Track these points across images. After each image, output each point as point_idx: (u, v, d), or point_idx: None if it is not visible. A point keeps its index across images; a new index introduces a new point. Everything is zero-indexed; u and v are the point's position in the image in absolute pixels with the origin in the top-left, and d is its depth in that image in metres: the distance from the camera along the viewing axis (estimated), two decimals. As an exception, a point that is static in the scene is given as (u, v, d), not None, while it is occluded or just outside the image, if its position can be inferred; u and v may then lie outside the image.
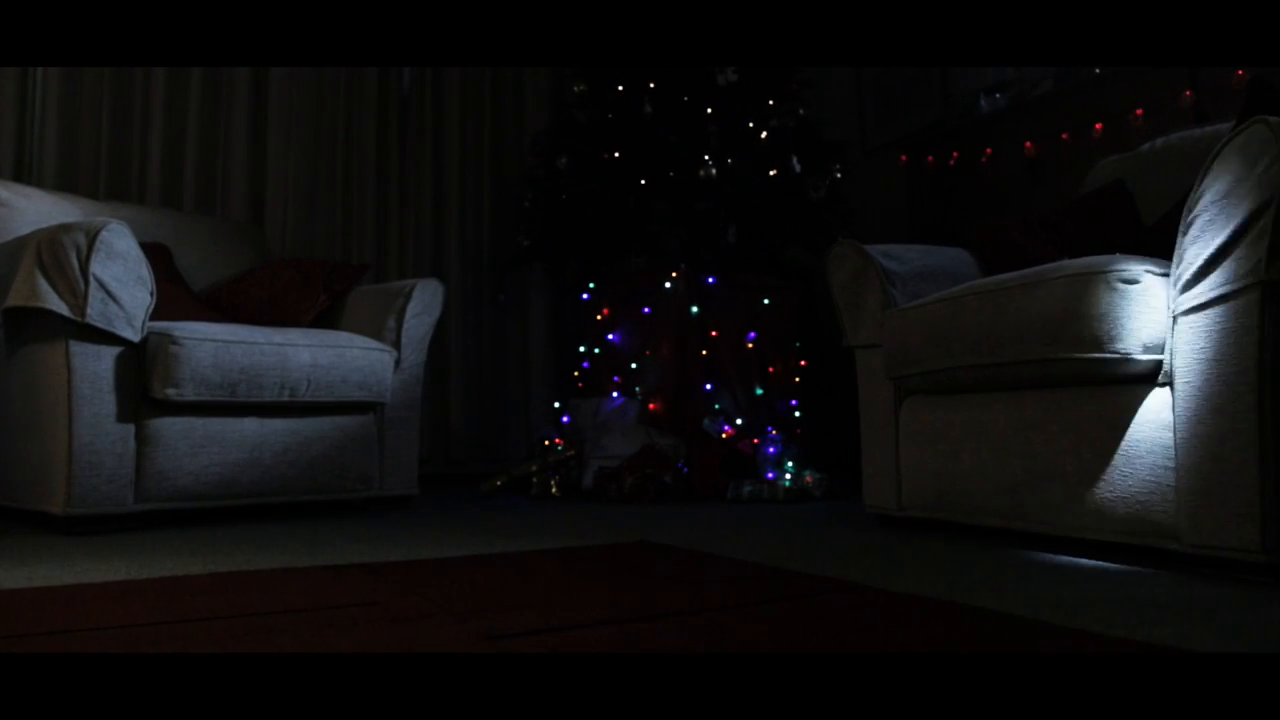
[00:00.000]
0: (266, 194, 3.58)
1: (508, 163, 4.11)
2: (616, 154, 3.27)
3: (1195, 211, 1.43)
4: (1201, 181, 1.43)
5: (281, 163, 3.60)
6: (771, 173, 3.25)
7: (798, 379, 3.32)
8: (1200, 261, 1.41)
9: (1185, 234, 1.45)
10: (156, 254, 2.76)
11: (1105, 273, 1.53)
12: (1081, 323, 1.55)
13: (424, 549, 1.82)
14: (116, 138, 3.31)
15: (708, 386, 3.17)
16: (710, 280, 3.20)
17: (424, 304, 2.69)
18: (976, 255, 2.33)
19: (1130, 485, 1.53)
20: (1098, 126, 3.12)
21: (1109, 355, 1.51)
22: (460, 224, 3.96)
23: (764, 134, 3.23)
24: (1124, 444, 1.54)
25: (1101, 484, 1.57)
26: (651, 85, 3.26)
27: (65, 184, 3.20)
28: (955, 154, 3.66)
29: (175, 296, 2.64)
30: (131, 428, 2.12)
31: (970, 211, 3.55)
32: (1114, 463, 1.55)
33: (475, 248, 4.02)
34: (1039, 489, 1.68)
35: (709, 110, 3.20)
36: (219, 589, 1.35)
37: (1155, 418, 1.51)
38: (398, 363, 2.61)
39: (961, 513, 1.89)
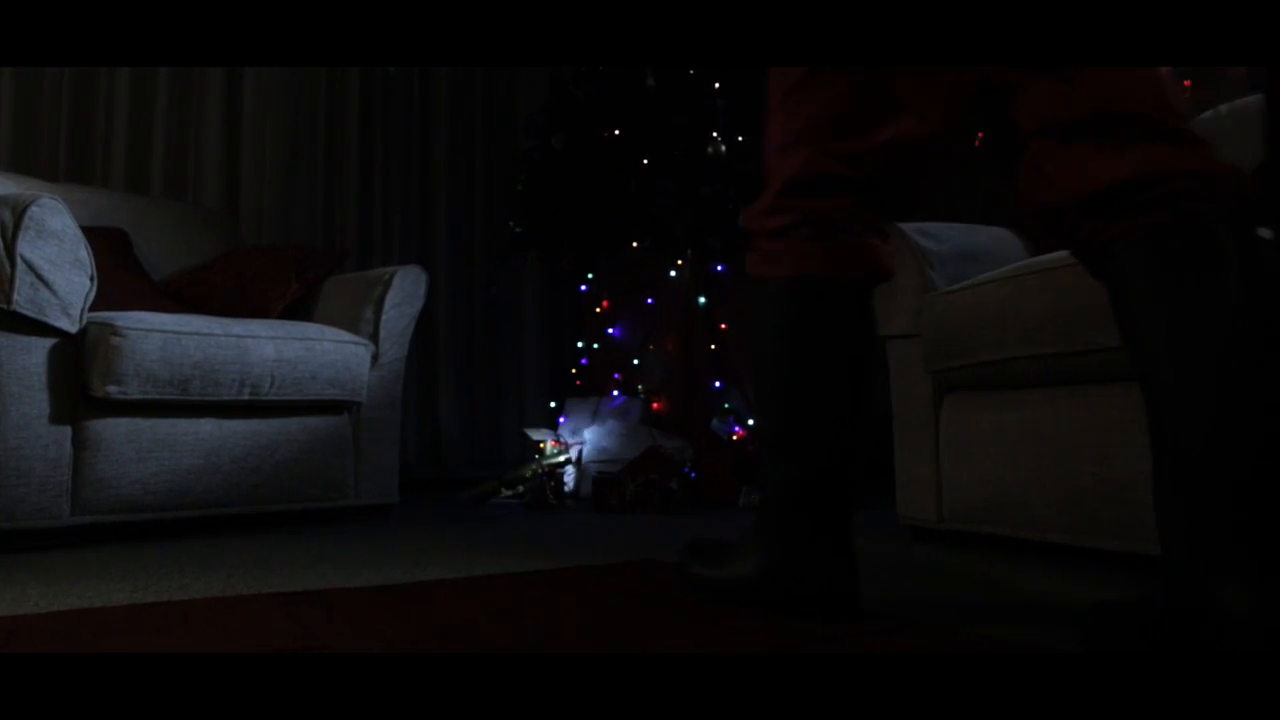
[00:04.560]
0: (241, 178, 3.33)
1: (500, 144, 3.87)
2: (617, 132, 3.02)
3: (1320, 165, 1.18)
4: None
5: (257, 145, 3.35)
6: (785, 153, 3.00)
7: (813, 376, 3.07)
8: (1331, 224, 1.16)
9: (1306, 193, 1.20)
10: (112, 239, 2.51)
11: (1202, 243, 1.28)
12: (1174, 302, 1.30)
13: (396, 570, 1.56)
14: (78, 117, 3.06)
15: (716, 384, 2.92)
16: (719, 268, 2.95)
17: (405, 293, 2.44)
18: (1022, 234, 2.08)
19: (1233, 496, 1.28)
20: (1140, 100, 2.87)
21: (1210, 341, 1.26)
22: (449, 210, 3.71)
23: (777, 110, 2.98)
24: (1227, 447, 1.29)
25: (1196, 495, 1.32)
26: (654, 58, 3.01)
27: (22, 165, 2.95)
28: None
29: (130, 285, 2.39)
30: (68, 430, 1.86)
31: (999, 195, 3.30)
32: (1212, 469, 1.30)
33: (465, 235, 3.77)
34: (1115, 500, 1.43)
35: (716, 85, 2.95)
36: (132, 627, 1.10)
37: (1264, 416, 1.26)
38: (375, 358, 2.36)
39: (1016, 526, 1.63)
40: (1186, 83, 2.76)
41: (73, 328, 1.87)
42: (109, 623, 1.13)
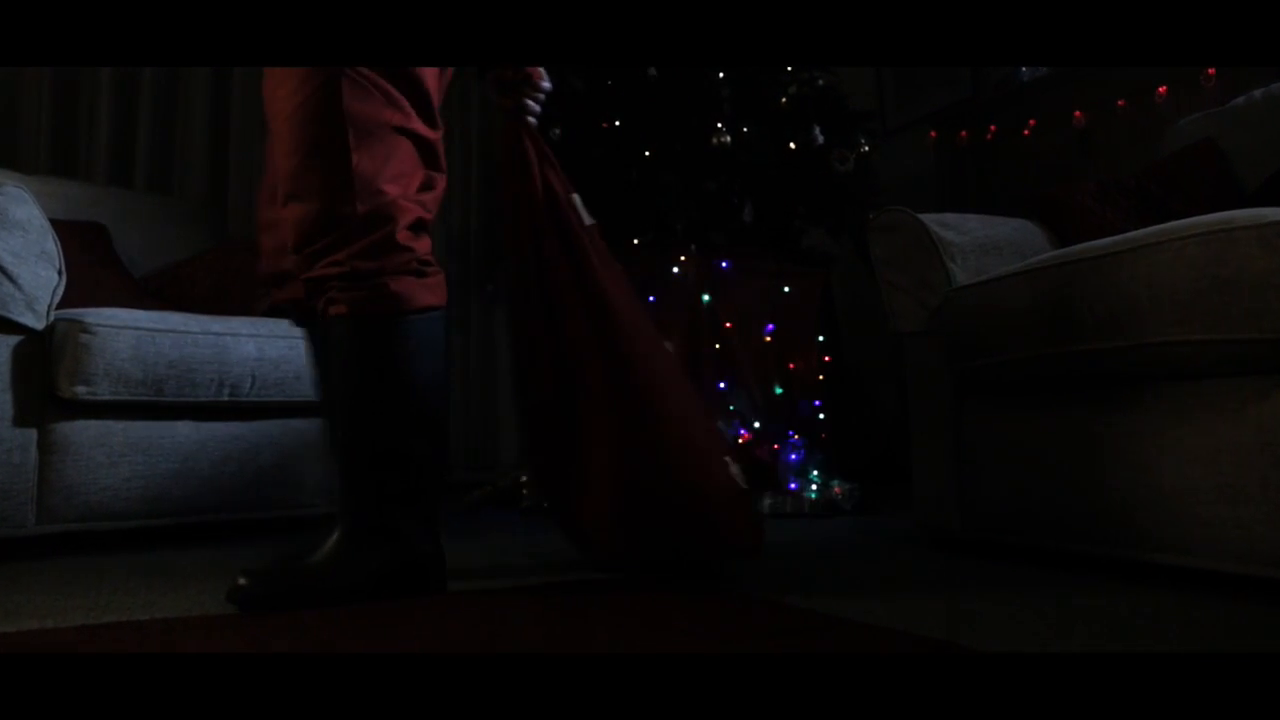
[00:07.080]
0: (230, 171, 3.22)
1: (496, 137, 3.75)
2: (617, 123, 2.91)
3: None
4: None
5: (246, 136, 3.24)
6: (791, 145, 2.89)
7: (821, 376, 2.96)
8: None
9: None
10: (90, 233, 2.41)
11: (1257, 227, 1.18)
12: (1226, 294, 1.19)
13: (379, 584, 1.45)
14: (60, 108, 2.95)
15: (721, 385, 2.81)
16: (723, 265, 2.84)
17: (396, 289, 2.33)
18: (1044, 226, 1.98)
19: (1293, 506, 1.17)
20: (1161, 90, 2.76)
21: (1268, 336, 1.16)
22: (445, 205, 3.59)
23: (783, 100, 2.87)
24: (1286, 452, 1.18)
25: (1250, 503, 1.21)
26: (656, 47, 2.90)
27: (3, 158, 2.84)
28: (993, 128, 3.30)
29: (106, 281, 2.28)
30: (33, 433, 1.75)
31: (1012, 190, 3.19)
32: (1269, 475, 1.19)
33: (461, 232, 3.66)
34: (1161, 510, 1.32)
35: (721, 74, 2.84)
36: (80, 650, 0.99)
37: (1326, 417, 1.15)
38: (364, 357, 2.25)
39: (1048, 536, 1.52)
40: (1210, 70, 2.66)
41: (39, 324, 1.76)
42: (55, 645, 1.02)
